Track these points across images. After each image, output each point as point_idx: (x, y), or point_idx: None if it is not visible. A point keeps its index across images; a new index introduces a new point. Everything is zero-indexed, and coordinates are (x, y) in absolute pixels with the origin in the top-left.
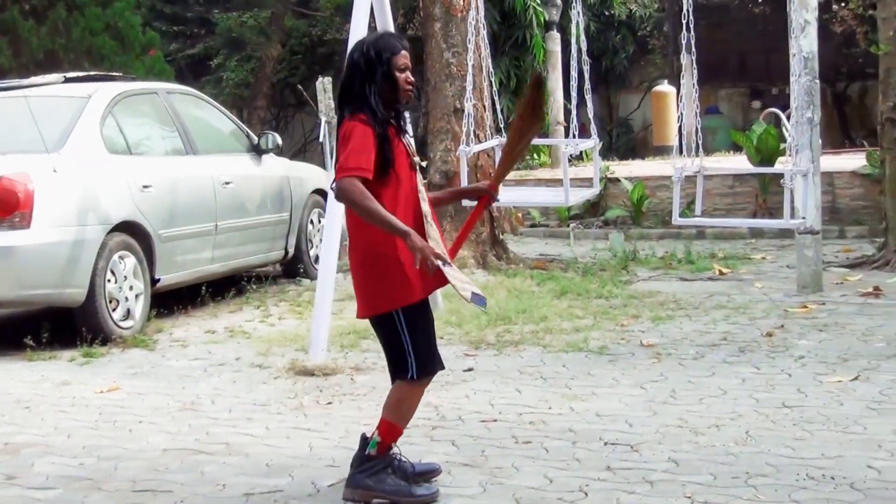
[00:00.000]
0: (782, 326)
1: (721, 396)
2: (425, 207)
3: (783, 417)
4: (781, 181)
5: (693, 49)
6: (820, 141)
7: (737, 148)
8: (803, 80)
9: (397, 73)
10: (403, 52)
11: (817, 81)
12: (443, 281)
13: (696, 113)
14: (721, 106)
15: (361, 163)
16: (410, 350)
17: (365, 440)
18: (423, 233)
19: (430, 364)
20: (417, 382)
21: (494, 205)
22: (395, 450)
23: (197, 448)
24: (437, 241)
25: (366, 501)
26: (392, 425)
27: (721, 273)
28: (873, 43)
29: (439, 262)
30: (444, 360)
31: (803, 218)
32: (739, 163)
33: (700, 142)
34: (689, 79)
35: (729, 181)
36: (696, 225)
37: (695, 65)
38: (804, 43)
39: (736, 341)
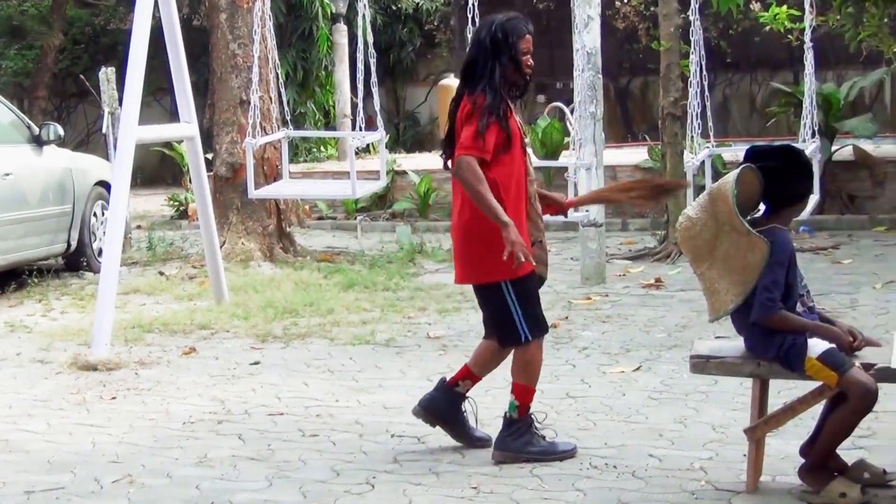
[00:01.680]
0: (566, 318)
1: (506, 388)
2: (532, 189)
3: (567, 408)
4: (565, 174)
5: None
6: (603, 135)
7: None
8: (586, 75)
9: (521, 57)
10: (528, 35)
11: (600, 76)
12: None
13: None
14: None
15: (481, 144)
16: (521, 317)
17: (443, 381)
18: (521, 219)
19: (538, 326)
20: (533, 343)
21: (280, 197)
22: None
23: None
24: (534, 221)
25: (514, 462)
26: (524, 387)
27: None
28: (654, 39)
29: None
30: (230, 354)
31: (587, 211)
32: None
33: None
34: None
35: None
36: None
37: None
38: (587, 38)
39: None
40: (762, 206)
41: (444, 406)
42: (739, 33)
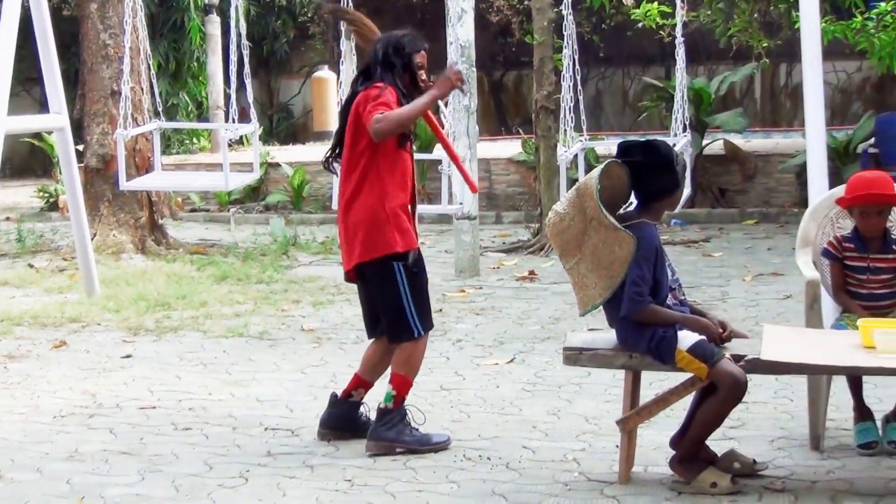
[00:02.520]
0: (440, 310)
1: (381, 381)
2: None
3: (441, 400)
4: (439, 167)
5: (352, 35)
6: (477, 128)
7: None
8: (460, 68)
9: (416, 70)
10: (423, 52)
11: (474, 70)
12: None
13: None
14: None
15: (383, 109)
16: (412, 309)
17: (334, 397)
18: (411, 214)
19: (428, 319)
20: (422, 338)
21: (152, 189)
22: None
23: None
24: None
25: (388, 453)
26: (404, 378)
27: None
28: (528, 33)
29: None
30: (101, 347)
31: (461, 204)
32: None
33: None
34: (349, 65)
35: None
36: None
37: (354, 51)
38: (461, 31)
39: None
40: (635, 201)
41: (343, 419)
42: (612, 28)
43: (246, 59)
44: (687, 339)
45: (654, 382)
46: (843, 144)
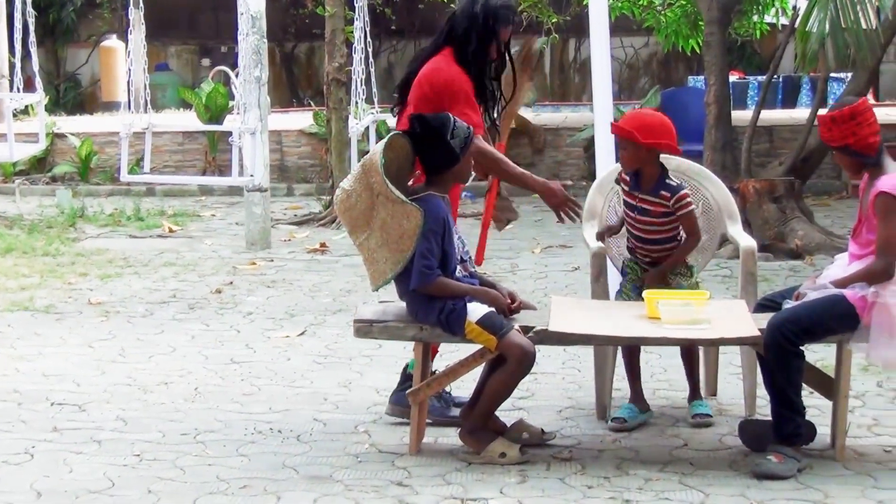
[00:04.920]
0: (231, 283)
1: (170, 354)
2: None
3: (232, 373)
4: (229, 139)
5: (141, 4)
6: (268, 99)
7: (187, 105)
8: (251, 39)
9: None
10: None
11: (265, 41)
12: None
13: (144, 69)
14: (171, 63)
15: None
16: None
17: (405, 374)
18: None
19: None
20: None
21: None
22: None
23: None
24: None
25: (403, 416)
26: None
27: (171, 230)
28: (320, 4)
29: None
30: None
31: (252, 175)
32: (189, 120)
33: (149, 98)
34: (138, 34)
35: (178, 138)
36: (146, 182)
37: (143, 20)
38: (252, 2)
39: (185, 298)
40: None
41: None
42: (404, 1)
43: (31, 27)
44: (476, 311)
45: (446, 354)
46: None
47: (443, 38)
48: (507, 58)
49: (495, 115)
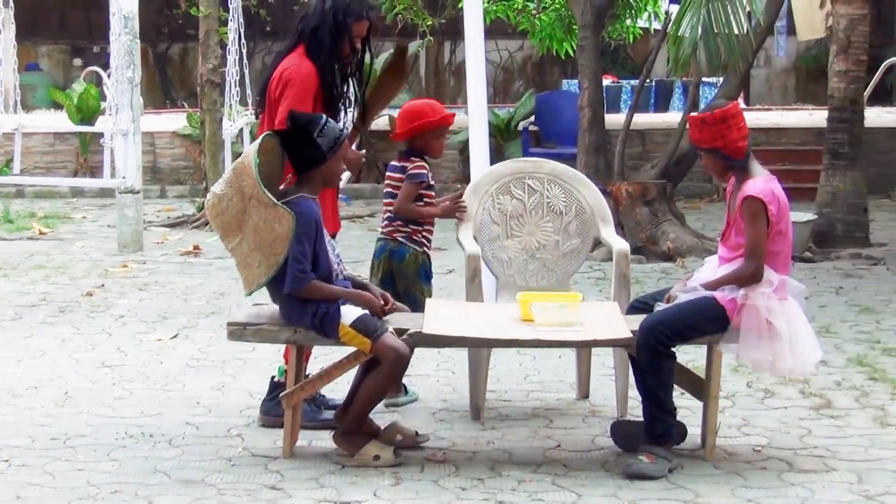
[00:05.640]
0: (103, 286)
1: (40, 358)
2: None
3: (103, 377)
4: (101, 140)
5: (11, 3)
6: (141, 101)
7: (58, 106)
8: (124, 39)
9: None
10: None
11: (138, 41)
12: None
13: (14, 69)
14: (41, 63)
15: None
16: None
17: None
18: None
19: None
20: None
21: None
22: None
23: None
24: None
25: (276, 425)
26: None
27: (41, 233)
28: (194, 5)
29: None
30: None
31: (124, 177)
32: (60, 121)
33: (18, 98)
34: (8, 33)
35: (49, 139)
36: (15, 183)
37: (13, 19)
38: (124, 2)
39: (56, 301)
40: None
41: None
42: (279, 2)
43: None
44: (350, 313)
45: (319, 357)
46: (505, 122)
47: (296, 36)
48: (369, 55)
49: (356, 114)
